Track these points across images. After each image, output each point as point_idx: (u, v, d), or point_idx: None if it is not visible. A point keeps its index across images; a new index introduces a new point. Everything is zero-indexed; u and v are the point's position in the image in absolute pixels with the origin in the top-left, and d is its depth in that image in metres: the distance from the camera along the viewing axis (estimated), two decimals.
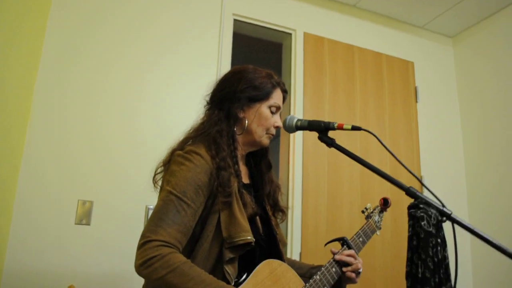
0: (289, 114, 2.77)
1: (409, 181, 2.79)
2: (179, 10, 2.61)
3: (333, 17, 3.08)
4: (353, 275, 1.38)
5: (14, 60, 1.90)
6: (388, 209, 1.72)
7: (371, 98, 3.00)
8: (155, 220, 1.11)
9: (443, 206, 1.08)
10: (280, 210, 1.49)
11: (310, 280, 1.30)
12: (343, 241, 1.47)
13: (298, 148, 2.72)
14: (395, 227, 2.83)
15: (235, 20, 2.79)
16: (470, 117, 3.23)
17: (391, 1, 3.08)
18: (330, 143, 1.29)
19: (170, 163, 1.27)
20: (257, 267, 1.23)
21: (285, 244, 1.45)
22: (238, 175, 1.30)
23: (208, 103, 1.44)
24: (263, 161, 1.50)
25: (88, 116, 2.27)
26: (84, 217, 2.15)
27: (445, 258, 1.03)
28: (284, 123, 1.36)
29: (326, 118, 2.81)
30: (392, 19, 3.29)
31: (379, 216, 1.68)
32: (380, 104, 3.02)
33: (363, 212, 1.68)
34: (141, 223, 2.25)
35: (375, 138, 1.22)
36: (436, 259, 1.02)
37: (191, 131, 1.39)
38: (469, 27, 3.36)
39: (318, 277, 1.33)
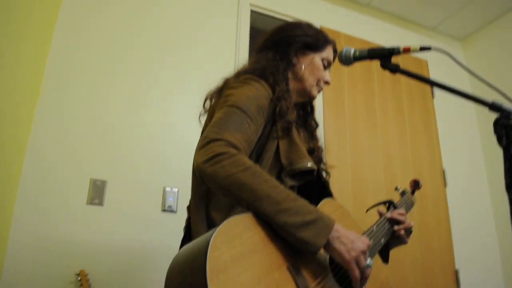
0: None
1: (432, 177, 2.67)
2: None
3: (349, 14, 3.08)
4: (404, 234, 1.31)
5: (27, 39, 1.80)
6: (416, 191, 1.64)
7: (389, 94, 2.96)
8: (217, 126, 1.00)
9: None
10: (324, 170, 1.38)
11: (369, 230, 1.20)
12: (389, 204, 1.41)
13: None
14: (422, 218, 2.72)
15: (252, 11, 2.75)
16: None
17: (401, 2, 3.11)
18: (395, 69, 1.19)
19: (224, 89, 1.18)
20: (320, 203, 1.14)
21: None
22: (294, 111, 1.21)
23: (259, 51, 1.37)
24: (311, 116, 1.43)
25: (103, 92, 2.14)
26: (97, 197, 1.98)
27: None
28: (340, 55, 1.27)
29: (346, 112, 2.74)
30: (404, 20, 3.32)
31: (412, 196, 1.60)
32: (398, 99, 2.98)
33: (396, 189, 1.60)
34: (159, 205, 2.08)
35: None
36: None
37: (243, 68, 1.30)
38: (476, 30, 3.39)
39: (374, 228, 1.23)
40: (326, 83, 1.34)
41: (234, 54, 2.55)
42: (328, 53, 1.34)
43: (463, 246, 2.84)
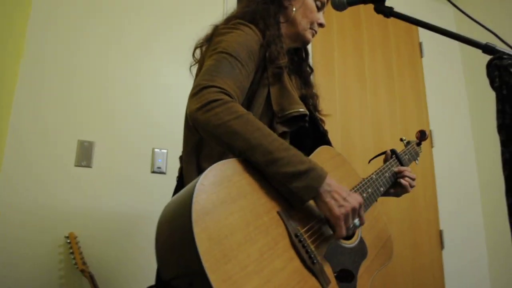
0: None
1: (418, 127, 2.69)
2: None
3: None
4: (408, 186, 1.32)
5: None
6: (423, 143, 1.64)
7: (378, 52, 2.92)
8: (209, 73, 0.97)
9: None
10: (320, 118, 1.36)
11: (367, 177, 1.19)
12: (392, 153, 1.40)
13: None
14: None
15: None
16: (472, 70, 3.22)
17: None
18: (389, 12, 1.17)
19: (214, 36, 1.14)
20: (316, 150, 1.12)
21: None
22: (285, 56, 1.17)
23: None
24: (305, 62, 1.40)
25: (91, 51, 2.07)
26: (85, 159, 1.94)
27: None
28: (332, 0, 1.23)
29: (335, 70, 2.71)
30: None
31: (418, 147, 1.60)
32: (387, 58, 2.95)
33: (401, 140, 1.61)
34: (148, 166, 2.05)
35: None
36: None
37: (232, 13, 1.26)
38: None
39: (374, 176, 1.22)
40: (321, 25, 1.29)
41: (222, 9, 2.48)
42: None
43: (448, 206, 2.88)
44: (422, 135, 1.58)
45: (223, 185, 0.79)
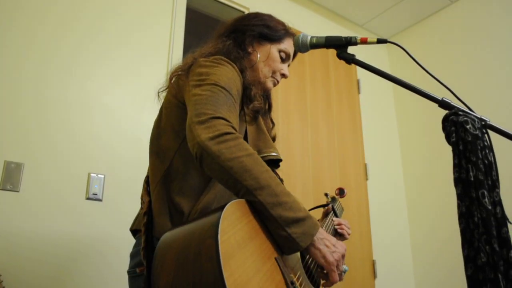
0: None
1: (356, 170, 2.78)
2: None
3: (284, 2, 3.07)
4: (346, 234, 1.44)
5: None
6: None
7: (319, 86, 3.02)
8: (211, 103, 0.94)
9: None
10: None
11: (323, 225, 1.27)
12: (332, 207, 1.53)
13: None
14: (345, 210, 2.82)
15: None
16: (403, 107, 3.45)
17: None
18: (351, 59, 1.20)
19: (194, 67, 1.09)
20: None
21: None
22: (261, 98, 1.23)
23: (217, 38, 1.30)
24: (267, 102, 1.39)
25: (26, 66, 1.90)
26: (11, 182, 1.76)
27: (493, 162, 0.97)
28: (296, 41, 1.24)
29: (279, 106, 2.74)
30: (336, 14, 3.41)
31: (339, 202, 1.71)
32: (328, 93, 3.05)
33: (326, 195, 1.67)
34: (82, 192, 1.90)
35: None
36: (486, 161, 0.96)
37: (205, 49, 1.23)
38: (400, 31, 3.61)
39: (324, 229, 1.27)
40: (283, 75, 1.31)
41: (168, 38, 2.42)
42: (287, 45, 1.31)
43: (380, 237, 3.01)
44: (341, 192, 1.68)
45: (237, 227, 0.78)
